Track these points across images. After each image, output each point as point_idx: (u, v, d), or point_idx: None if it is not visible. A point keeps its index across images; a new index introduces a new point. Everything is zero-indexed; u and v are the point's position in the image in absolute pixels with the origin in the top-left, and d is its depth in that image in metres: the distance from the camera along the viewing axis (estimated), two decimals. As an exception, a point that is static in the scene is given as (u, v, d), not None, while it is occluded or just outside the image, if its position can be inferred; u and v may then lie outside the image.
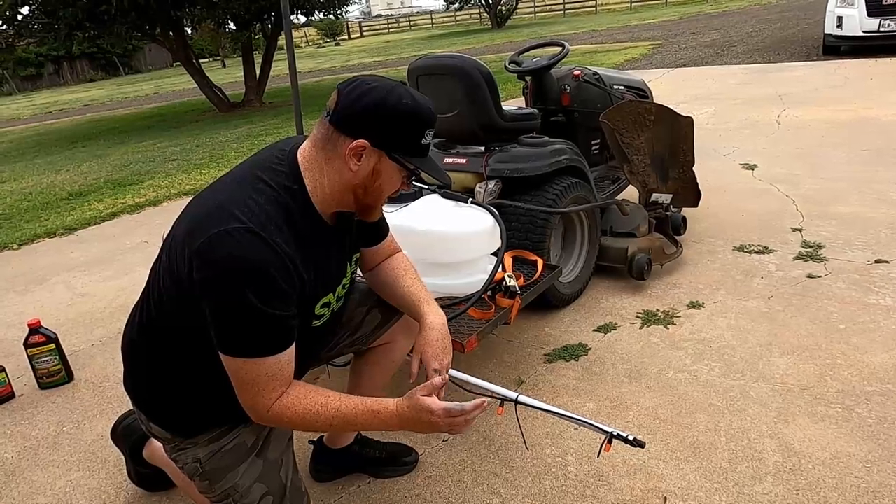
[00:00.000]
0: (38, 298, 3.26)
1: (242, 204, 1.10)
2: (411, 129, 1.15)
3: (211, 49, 29.19)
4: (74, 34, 9.77)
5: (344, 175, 1.15)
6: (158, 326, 1.21)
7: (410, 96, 1.14)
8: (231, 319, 1.08)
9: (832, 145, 4.35)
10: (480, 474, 1.68)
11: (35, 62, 28.77)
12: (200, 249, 1.07)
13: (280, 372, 1.13)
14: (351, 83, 1.15)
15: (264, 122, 8.80)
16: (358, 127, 1.12)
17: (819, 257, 2.71)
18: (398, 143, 1.15)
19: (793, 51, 9.49)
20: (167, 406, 1.28)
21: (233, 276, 1.05)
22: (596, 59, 10.93)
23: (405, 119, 1.14)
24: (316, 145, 1.17)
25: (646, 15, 23.70)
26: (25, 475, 1.88)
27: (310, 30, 38.50)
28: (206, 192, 1.22)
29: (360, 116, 1.12)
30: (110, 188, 5.65)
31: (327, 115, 1.15)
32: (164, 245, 1.22)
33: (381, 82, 1.15)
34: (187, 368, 1.21)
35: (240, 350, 1.11)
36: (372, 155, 1.14)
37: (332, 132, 1.14)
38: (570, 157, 2.44)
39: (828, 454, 1.61)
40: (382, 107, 1.11)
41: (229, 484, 1.28)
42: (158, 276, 1.21)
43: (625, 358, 2.13)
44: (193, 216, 1.15)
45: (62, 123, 12.72)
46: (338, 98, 1.14)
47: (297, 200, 1.15)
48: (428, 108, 1.17)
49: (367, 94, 1.12)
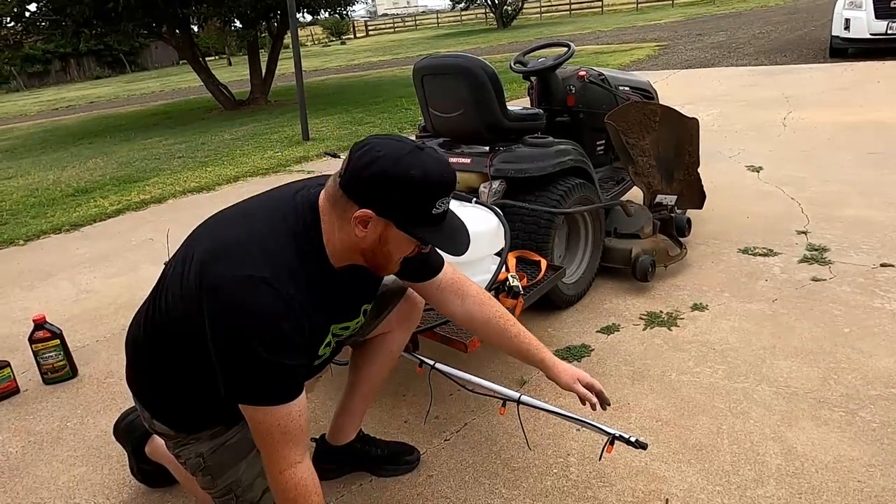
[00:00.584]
0: (43, 294, 3.28)
1: (262, 246, 1.11)
2: (418, 199, 1.10)
3: (217, 47, 29.26)
4: (82, 31, 9.82)
5: (352, 238, 1.13)
6: (163, 331, 1.22)
7: (420, 165, 1.08)
8: (237, 367, 1.09)
9: (838, 148, 4.33)
10: (482, 474, 1.68)
11: (42, 59, 28.86)
12: (214, 289, 1.08)
13: (293, 426, 1.11)
14: (363, 146, 1.11)
15: (269, 121, 8.82)
16: (363, 196, 1.09)
17: (824, 260, 2.70)
18: (404, 214, 1.11)
19: (799, 53, 9.46)
20: (170, 403, 1.28)
21: (243, 326, 1.06)
22: (601, 59, 10.91)
23: (411, 190, 1.08)
24: (329, 199, 1.14)
25: (652, 16, 23.64)
26: (29, 470, 1.89)
27: (315, 29, 38.52)
28: (232, 216, 1.22)
29: (366, 186, 1.08)
30: (116, 185, 5.67)
31: (339, 175, 1.12)
32: (180, 255, 1.22)
33: (391, 149, 1.09)
34: (190, 370, 1.22)
35: (245, 396, 1.11)
36: (378, 224, 1.11)
37: (340, 195, 1.11)
38: (574, 158, 2.44)
39: (831, 458, 1.60)
40: (387, 177, 1.07)
41: (231, 479, 1.29)
42: (169, 283, 1.22)
43: (627, 359, 2.13)
44: (214, 243, 1.15)
45: (69, 120, 12.77)
46: (348, 161, 1.11)
47: (313, 248, 1.15)
48: (440, 175, 1.11)
49: (375, 162, 1.07)
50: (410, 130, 6.69)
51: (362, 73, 15.40)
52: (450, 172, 1.13)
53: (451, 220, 1.18)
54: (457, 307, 1.42)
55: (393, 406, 1.99)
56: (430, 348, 1.86)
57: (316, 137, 7.00)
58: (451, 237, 1.18)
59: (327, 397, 1.99)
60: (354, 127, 7.42)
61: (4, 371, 2.29)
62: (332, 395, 1.97)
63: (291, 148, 6.57)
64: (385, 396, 2.01)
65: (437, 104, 2.47)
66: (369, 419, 1.83)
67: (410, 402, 2.00)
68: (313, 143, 6.75)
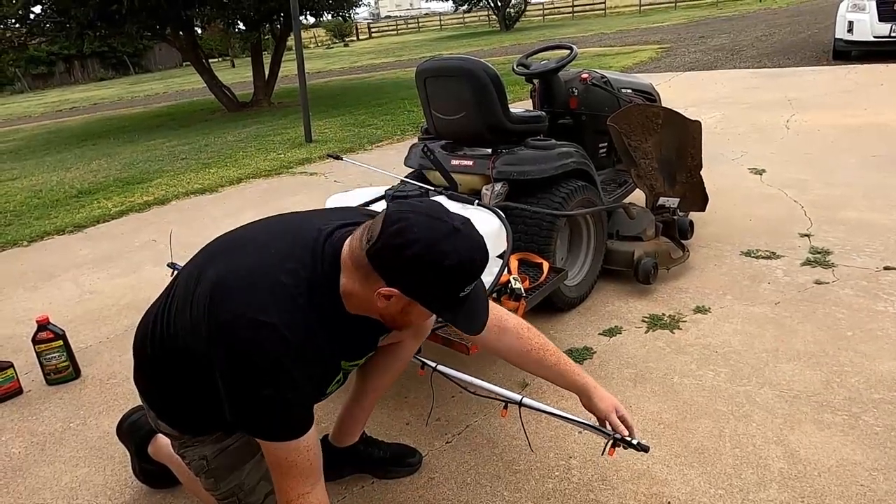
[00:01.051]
0: (46, 295, 3.29)
1: (277, 286, 1.08)
2: (447, 287, 1.07)
3: (220, 49, 29.35)
4: (86, 33, 9.85)
5: (373, 304, 1.11)
6: (169, 349, 1.21)
7: (455, 254, 1.04)
8: (245, 404, 1.08)
9: (842, 151, 4.33)
10: (484, 476, 1.67)
11: (46, 60, 28.99)
12: (225, 327, 1.07)
13: (301, 459, 1.11)
14: (398, 221, 1.04)
15: (272, 122, 8.84)
16: (392, 276, 1.06)
17: (827, 263, 2.69)
18: (431, 298, 1.09)
19: (803, 55, 9.45)
20: (175, 406, 1.28)
21: (252, 368, 1.05)
22: (604, 62, 10.92)
23: (442, 279, 1.05)
24: (352, 259, 1.10)
25: (655, 18, 23.64)
26: (32, 470, 1.89)
27: (318, 31, 38.63)
28: (250, 242, 1.19)
29: (396, 267, 1.05)
30: (119, 186, 5.68)
31: (368, 240, 1.06)
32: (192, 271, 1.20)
33: (428, 232, 1.03)
34: (195, 384, 1.21)
35: (253, 432, 1.11)
36: (401, 300, 1.08)
37: (366, 264, 1.07)
38: (577, 161, 2.44)
39: (833, 462, 1.60)
40: (423, 266, 1.03)
41: (235, 482, 1.29)
42: (177, 300, 1.20)
43: (630, 362, 2.13)
44: (228, 271, 1.13)
45: (72, 122, 12.82)
46: (380, 234, 1.04)
47: (330, 295, 1.12)
48: (472, 263, 1.07)
49: (410, 245, 1.02)
50: (413, 132, 6.69)
51: (365, 74, 15.42)
52: (483, 257, 1.10)
53: (473, 298, 1.13)
54: (495, 342, 1.39)
55: (395, 408, 1.99)
56: (432, 350, 1.86)
57: (319, 139, 7.01)
58: (472, 314, 1.15)
59: (330, 400, 1.99)
60: (357, 129, 7.43)
61: (8, 372, 2.30)
62: (336, 398, 1.97)
63: (294, 150, 6.58)
64: (387, 398, 2.01)
65: (439, 106, 2.47)
66: (371, 421, 1.83)
67: (412, 405, 2.00)
68: (316, 144, 6.76)
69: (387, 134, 6.91)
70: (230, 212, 4.50)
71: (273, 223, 1.26)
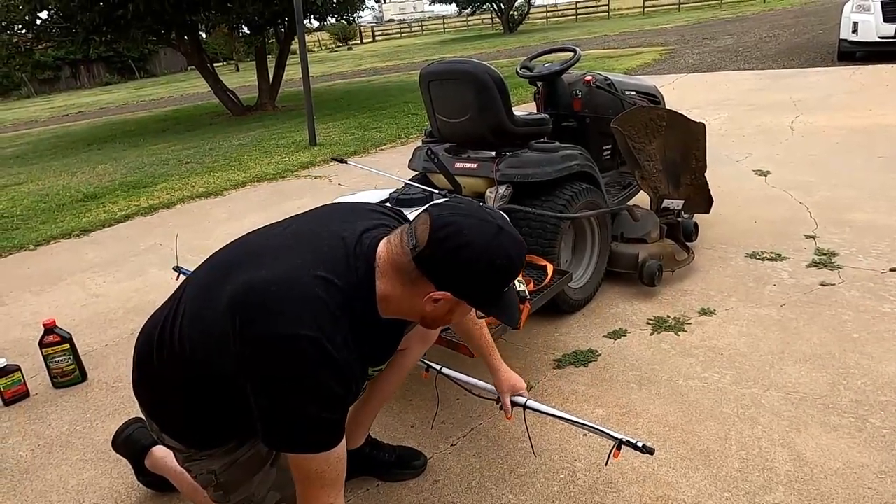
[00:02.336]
0: (53, 298, 3.31)
1: (309, 295, 1.06)
2: (498, 285, 1.11)
3: (225, 53, 29.48)
4: (92, 38, 9.91)
5: (416, 308, 1.12)
6: (181, 358, 1.17)
7: (505, 253, 1.06)
8: (281, 419, 1.06)
9: (847, 152, 4.31)
10: (489, 479, 1.67)
11: (53, 65, 29.15)
12: (259, 344, 1.04)
13: (330, 471, 1.09)
14: (446, 224, 1.05)
15: (277, 126, 8.87)
16: (446, 281, 1.07)
17: (833, 265, 2.68)
18: (482, 297, 1.12)
19: (807, 56, 9.42)
20: (182, 420, 1.24)
21: (293, 387, 1.03)
22: (608, 64, 10.91)
23: (496, 279, 1.09)
24: (394, 265, 1.10)
25: (658, 20, 23.63)
26: (39, 473, 1.90)
27: (322, 34, 38.75)
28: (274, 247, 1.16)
29: (452, 272, 1.06)
30: (125, 190, 5.71)
31: (413, 247, 1.06)
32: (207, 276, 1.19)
33: (478, 233, 1.05)
34: (208, 398, 1.17)
35: (286, 446, 1.09)
36: (450, 301, 1.10)
37: (414, 269, 1.07)
38: (580, 163, 2.44)
39: (840, 464, 1.59)
40: (476, 266, 1.05)
41: (244, 494, 1.28)
42: (191, 310, 1.17)
43: (635, 364, 2.12)
44: (253, 281, 1.09)
45: (78, 126, 12.89)
46: (429, 239, 1.04)
47: (364, 301, 1.12)
48: (519, 259, 1.11)
49: (464, 248, 1.04)
50: (417, 135, 6.71)
51: (369, 78, 15.46)
52: (524, 251, 1.14)
53: (509, 292, 1.17)
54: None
55: (400, 411, 1.99)
56: (437, 353, 1.86)
57: (323, 143, 7.03)
58: (510, 307, 1.17)
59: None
60: (361, 132, 7.45)
61: (15, 375, 2.31)
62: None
63: (299, 153, 6.60)
64: (392, 401, 2.01)
65: (443, 109, 2.48)
66: (376, 424, 1.83)
67: (417, 407, 2.00)
68: (320, 148, 6.78)
69: (391, 137, 6.92)
70: (235, 215, 4.52)
71: (292, 229, 1.23)
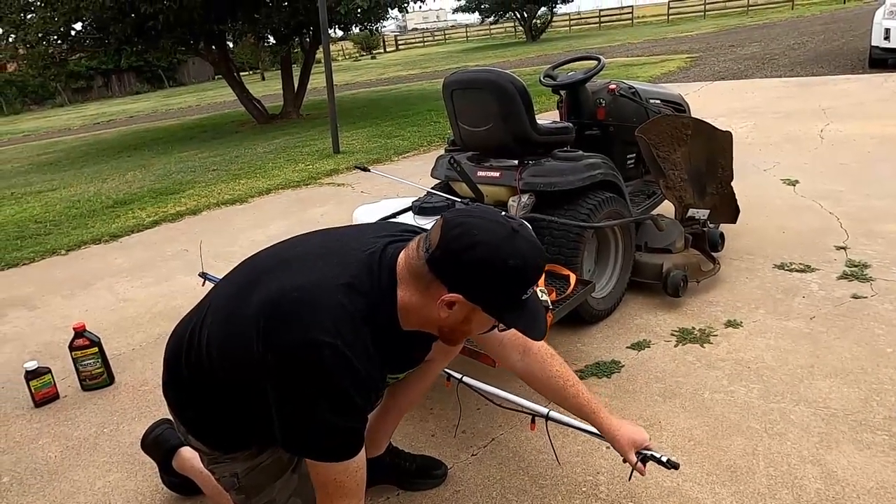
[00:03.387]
0: (83, 303, 3.38)
1: (334, 305, 1.06)
2: (514, 289, 1.07)
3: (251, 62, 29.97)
4: (123, 48, 10.20)
5: (431, 315, 1.10)
6: (207, 365, 1.19)
7: (520, 254, 1.04)
8: (302, 427, 1.07)
9: (879, 161, 4.21)
10: (510, 490, 1.66)
11: (86, 75, 29.97)
12: (284, 352, 1.05)
13: (349, 481, 1.10)
14: (457, 224, 1.05)
15: (301, 134, 8.98)
16: (456, 281, 1.05)
17: (865, 277, 2.61)
18: (496, 301, 1.08)
19: (837, 63, 9.24)
20: (208, 423, 1.27)
21: (313, 391, 1.04)
22: (632, 72, 10.84)
23: (509, 281, 1.05)
24: (410, 271, 1.10)
25: (683, 27, 23.42)
26: (67, 474, 1.94)
27: (346, 43, 39.21)
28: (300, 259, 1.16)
29: (462, 271, 1.04)
30: (153, 197, 5.83)
31: (426, 250, 1.06)
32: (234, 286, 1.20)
33: (490, 233, 1.03)
34: (234, 397, 1.19)
35: (306, 453, 1.10)
36: (465, 307, 1.07)
37: (427, 271, 1.06)
38: (604, 172, 2.42)
39: (873, 483, 1.54)
40: (488, 267, 1.03)
41: (266, 499, 1.30)
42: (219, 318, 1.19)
43: (659, 377, 2.09)
44: (280, 292, 1.09)
45: (109, 134, 13.22)
46: (440, 239, 1.04)
47: (386, 313, 1.12)
48: (536, 263, 1.08)
49: (474, 248, 1.02)
50: (439, 143, 6.73)
51: (392, 86, 15.58)
52: (543, 258, 1.11)
53: (532, 300, 1.13)
54: (517, 362, 1.40)
55: (421, 420, 1.99)
56: (459, 362, 1.85)
57: (346, 150, 7.10)
58: (534, 318, 1.13)
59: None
60: (384, 140, 7.50)
61: (45, 377, 2.36)
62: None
63: (322, 161, 6.67)
64: (413, 410, 2.01)
65: (466, 118, 2.48)
66: (397, 433, 1.83)
67: (438, 416, 2.00)
68: (344, 156, 6.84)
69: (413, 145, 6.96)
70: (260, 222, 4.58)
71: (318, 241, 1.24)
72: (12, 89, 28.23)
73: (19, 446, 2.11)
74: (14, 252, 4.43)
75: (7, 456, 2.06)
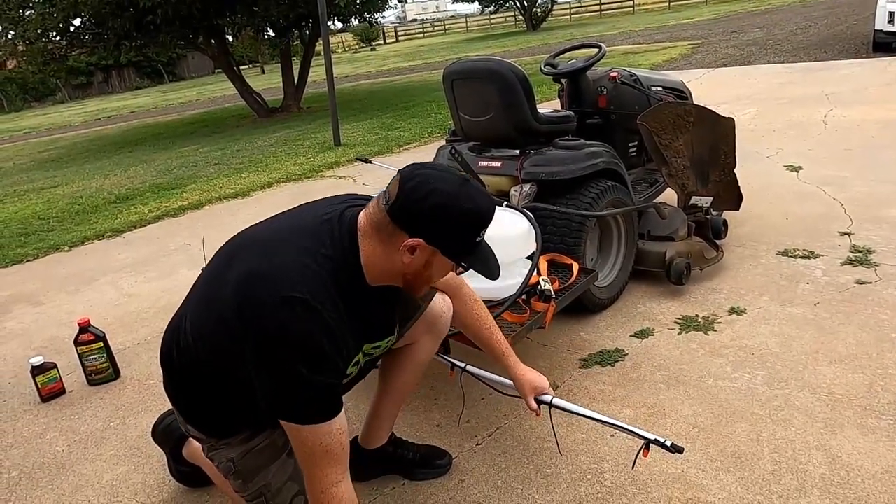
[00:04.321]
0: (87, 298, 3.40)
1: (301, 267, 1.13)
2: (468, 232, 1.17)
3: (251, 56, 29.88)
4: (123, 44, 10.16)
5: (395, 262, 1.18)
6: (193, 351, 1.26)
7: (472, 199, 1.15)
8: (281, 387, 1.12)
9: (883, 146, 4.18)
10: (514, 479, 1.67)
11: (85, 71, 29.92)
12: (256, 314, 1.11)
13: (334, 444, 1.15)
14: (413, 177, 1.14)
15: (302, 127, 8.96)
16: (416, 226, 1.14)
17: (869, 262, 2.60)
18: (453, 243, 1.18)
19: (840, 48, 9.17)
20: (202, 410, 1.33)
21: (286, 347, 1.09)
22: (633, 60, 10.77)
23: (464, 223, 1.16)
24: (372, 224, 1.18)
25: (685, 14, 23.24)
26: (75, 468, 1.95)
27: (346, 35, 39.04)
28: (265, 238, 1.25)
29: (419, 217, 1.13)
30: (155, 192, 5.84)
31: (386, 202, 1.15)
32: (211, 273, 1.27)
33: (444, 182, 1.14)
34: (220, 383, 1.25)
35: (288, 415, 1.14)
36: (425, 251, 1.16)
37: (388, 222, 1.15)
38: (606, 160, 2.41)
39: (879, 468, 1.54)
40: (443, 211, 1.13)
41: (261, 483, 1.32)
42: (198, 302, 1.26)
43: (662, 364, 2.09)
44: (251, 267, 1.17)
45: (110, 130, 13.21)
46: (399, 190, 1.14)
47: (351, 269, 1.18)
48: (487, 208, 1.18)
49: (430, 195, 1.12)
50: (440, 134, 6.71)
51: (392, 78, 15.52)
52: (492, 204, 1.21)
53: (484, 246, 1.24)
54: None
55: (425, 409, 2.00)
56: (462, 351, 1.85)
57: (347, 143, 7.09)
58: (487, 262, 1.24)
59: (360, 400, 2.01)
60: (385, 132, 7.48)
61: (52, 372, 2.38)
62: (365, 399, 1.99)
63: (323, 154, 6.66)
64: (416, 400, 2.02)
65: (467, 108, 2.47)
66: (401, 423, 1.84)
67: (442, 406, 2.01)
68: (345, 148, 6.83)
69: (414, 136, 6.94)
70: (261, 215, 4.51)
71: (284, 218, 1.32)
72: (13, 87, 28.21)
73: (27, 441, 2.13)
74: (18, 249, 4.44)
75: (15, 451, 2.08)
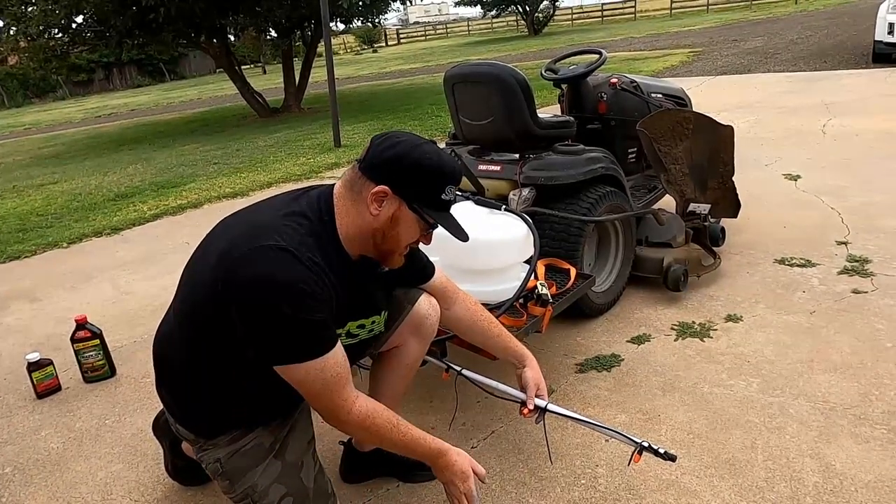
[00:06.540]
0: (85, 295, 3.39)
1: (278, 226, 1.18)
2: (432, 182, 1.23)
3: (252, 56, 29.90)
4: (124, 41, 10.18)
5: (365, 218, 1.23)
6: (179, 335, 1.29)
7: (437, 153, 1.23)
8: (269, 331, 1.14)
9: (881, 156, 4.20)
10: (509, 483, 1.67)
11: (87, 68, 29.88)
12: (236, 266, 1.14)
13: (339, 370, 1.19)
14: (384, 136, 1.25)
15: (302, 127, 8.97)
16: (381, 174, 1.21)
17: (866, 272, 2.61)
18: (418, 194, 1.23)
19: (840, 58, 9.20)
20: (189, 409, 1.35)
21: (265, 290, 1.11)
22: (634, 66, 10.80)
23: (426, 172, 1.22)
24: (345, 185, 1.26)
25: (686, 21, 23.31)
26: (69, 465, 1.95)
27: (348, 37, 39.08)
28: (243, 213, 1.31)
29: (385, 165, 1.21)
30: (154, 190, 5.84)
31: (359, 161, 1.24)
32: (194, 261, 1.30)
33: (411, 138, 1.24)
34: (206, 375, 1.28)
35: (283, 357, 1.16)
36: (392, 202, 1.22)
37: (359, 177, 1.23)
38: (605, 166, 2.42)
39: (872, 477, 1.55)
40: (406, 158, 1.20)
41: (248, 484, 1.33)
42: (182, 287, 1.30)
43: (658, 370, 2.10)
44: (229, 238, 1.22)
45: (111, 127, 13.21)
46: (369, 147, 1.24)
47: (328, 232, 1.23)
48: (452, 167, 1.25)
49: (395, 146, 1.21)
50: (441, 137, 6.72)
51: (394, 80, 15.54)
52: (459, 167, 1.29)
53: (454, 215, 1.30)
54: (445, 311, 1.56)
55: (420, 412, 2.00)
56: (458, 355, 1.86)
57: (347, 144, 7.09)
58: (457, 223, 1.29)
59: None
60: (385, 134, 7.48)
61: (48, 369, 2.37)
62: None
63: (323, 154, 6.67)
64: (411, 402, 2.02)
65: (467, 112, 2.48)
66: (397, 424, 1.84)
67: (437, 409, 2.01)
68: (345, 149, 6.84)
69: (414, 139, 6.94)
70: (260, 215, 4.57)
71: (260, 205, 1.34)
72: (13, 82, 28.16)
73: (21, 437, 2.12)
74: (16, 245, 4.44)
75: (9, 447, 2.08)
